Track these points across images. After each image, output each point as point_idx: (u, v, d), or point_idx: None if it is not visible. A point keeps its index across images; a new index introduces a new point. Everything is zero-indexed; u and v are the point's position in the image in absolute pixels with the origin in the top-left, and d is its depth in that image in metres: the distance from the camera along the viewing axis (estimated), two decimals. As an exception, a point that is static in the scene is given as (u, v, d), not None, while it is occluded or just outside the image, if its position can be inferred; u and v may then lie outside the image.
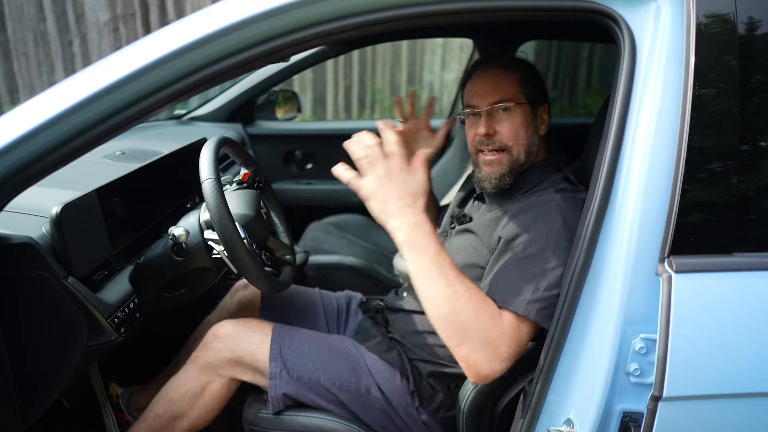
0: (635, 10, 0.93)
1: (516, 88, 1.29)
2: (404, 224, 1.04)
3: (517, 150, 1.29)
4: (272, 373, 1.34)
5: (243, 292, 1.72)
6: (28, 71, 5.01)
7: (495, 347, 1.05)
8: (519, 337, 1.07)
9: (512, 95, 1.28)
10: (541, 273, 1.10)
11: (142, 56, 0.91)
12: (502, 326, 1.06)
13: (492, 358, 1.05)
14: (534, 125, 1.32)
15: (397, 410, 1.36)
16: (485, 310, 1.06)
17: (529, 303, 1.08)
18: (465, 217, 1.43)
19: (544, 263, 1.11)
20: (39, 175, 0.90)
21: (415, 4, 0.92)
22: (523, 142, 1.29)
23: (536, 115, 1.33)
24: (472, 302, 1.05)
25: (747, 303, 0.90)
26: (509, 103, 1.27)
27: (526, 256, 1.13)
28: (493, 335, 1.05)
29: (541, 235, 1.14)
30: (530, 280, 1.10)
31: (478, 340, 1.04)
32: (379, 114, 5.59)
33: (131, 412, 1.61)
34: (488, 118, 1.28)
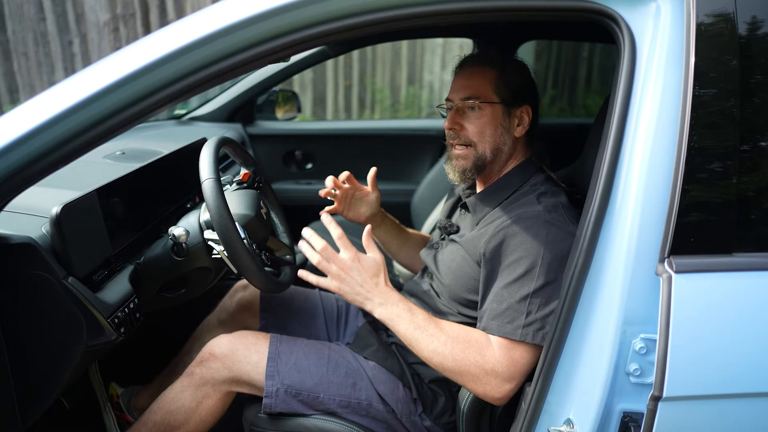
0: (635, 10, 0.93)
1: (488, 86, 1.30)
2: (375, 305, 1.19)
3: (482, 147, 1.31)
4: (268, 391, 1.33)
5: (243, 293, 1.72)
6: (28, 71, 5.01)
7: (494, 374, 1.13)
8: (518, 359, 1.14)
9: (482, 93, 1.29)
10: (532, 294, 1.13)
11: (142, 56, 0.91)
12: (494, 355, 1.14)
13: (496, 384, 1.13)
14: (505, 126, 1.31)
15: (401, 419, 1.36)
16: (470, 348, 1.15)
17: (524, 328, 1.13)
18: (452, 227, 1.43)
19: (532, 283, 1.14)
20: (39, 175, 0.90)
21: (415, 4, 0.92)
22: (489, 140, 1.30)
23: (510, 116, 1.31)
24: (457, 347, 1.15)
25: (747, 303, 0.90)
26: (476, 101, 1.29)
27: (515, 279, 1.16)
28: (487, 366, 1.13)
29: (527, 255, 1.16)
30: (521, 304, 1.14)
31: (476, 375, 1.14)
32: (379, 114, 5.59)
33: (131, 412, 1.61)
34: (456, 113, 1.32)
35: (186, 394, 1.38)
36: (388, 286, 1.20)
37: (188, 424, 1.39)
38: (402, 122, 4.06)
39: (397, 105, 5.62)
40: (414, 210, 2.61)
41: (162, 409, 1.40)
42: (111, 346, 1.19)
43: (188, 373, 1.40)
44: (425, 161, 2.87)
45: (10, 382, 1.04)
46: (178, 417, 1.38)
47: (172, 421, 1.38)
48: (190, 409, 1.38)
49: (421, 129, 2.94)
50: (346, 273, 1.18)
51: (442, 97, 5.48)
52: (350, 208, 1.60)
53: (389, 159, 2.86)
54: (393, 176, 2.87)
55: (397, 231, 1.69)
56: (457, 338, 1.16)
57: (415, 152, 2.86)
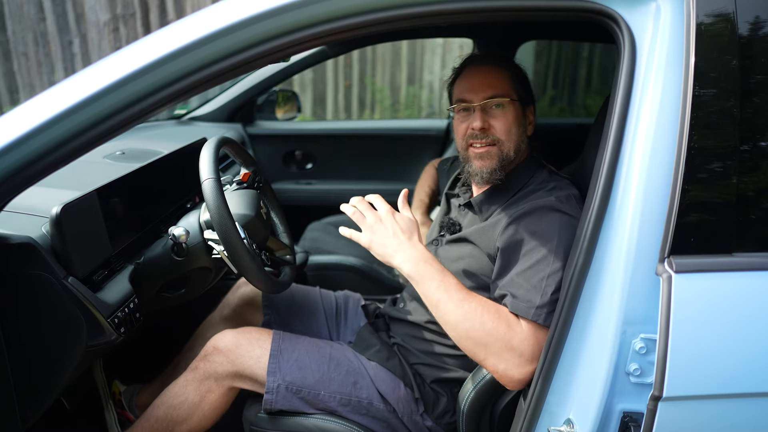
0: (635, 10, 0.93)
1: (508, 85, 1.31)
2: (405, 259, 1.15)
3: (508, 146, 1.30)
4: (269, 387, 1.34)
5: (245, 288, 1.73)
6: (28, 71, 5.01)
7: (519, 352, 1.09)
8: (541, 341, 1.10)
9: (506, 91, 1.30)
10: (546, 277, 1.12)
11: (142, 56, 0.91)
12: (522, 331, 1.10)
13: (519, 363, 1.09)
14: (524, 124, 1.34)
15: (402, 419, 1.36)
16: (500, 320, 1.10)
17: (538, 308, 1.10)
18: (455, 225, 1.43)
19: (548, 267, 1.13)
20: (39, 175, 0.90)
21: (415, 4, 0.92)
22: (514, 138, 1.31)
23: (525, 115, 1.35)
24: (486, 316, 1.10)
25: (747, 303, 0.90)
26: (503, 99, 1.29)
27: (533, 264, 1.15)
28: (514, 342, 1.09)
29: (543, 241, 1.15)
30: (537, 285, 1.12)
31: (500, 349, 1.09)
32: (379, 114, 5.59)
33: (133, 410, 1.61)
34: (482, 112, 1.30)
35: (189, 389, 1.39)
36: (422, 245, 1.17)
37: (191, 420, 1.39)
38: (402, 122, 4.06)
39: (397, 105, 5.62)
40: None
41: (165, 403, 1.41)
42: (111, 346, 1.19)
43: (192, 367, 1.41)
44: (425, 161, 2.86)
45: (10, 382, 1.04)
46: (181, 412, 1.39)
47: (174, 416, 1.39)
48: (193, 403, 1.38)
49: (421, 129, 2.94)
50: (378, 224, 1.17)
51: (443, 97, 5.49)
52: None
53: (389, 159, 2.86)
54: (393, 176, 2.87)
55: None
56: (488, 308, 1.12)
57: (415, 152, 2.85)
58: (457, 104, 1.34)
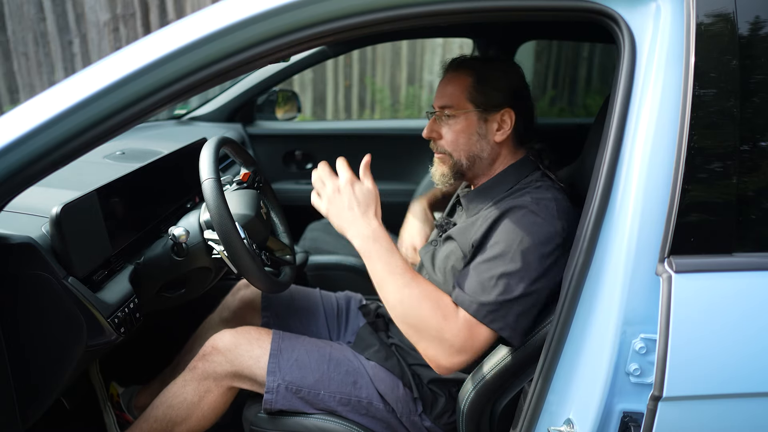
0: (635, 10, 0.93)
1: (462, 93, 1.27)
2: (357, 233, 1.15)
3: (457, 155, 1.30)
4: (269, 387, 1.34)
5: (245, 291, 1.73)
6: (28, 71, 5.01)
7: (449, 344, 1.11)
8: (475, 336, 1.12)
9: (455, 101, 1.27)
10: (497, 276, 1.12)
11: (142, 56, 0.91)
12: (456, 325, 1.11)
13: (448, 353, 1.11)
14: (481, 133, 1.28)
15: (401, 419, 1.36)
16: (438, 310, 1.11)
17: (480, 305, 1.11)
18: (449, 224, 1.42)
19: (501, 266, 1.13)
20: (39, 175, 0.90)
21: (415, 4, 0.92)
22: (463, 149, 1.29)
23: (486, 122, 1.28)
24: (425, 304, 1.11)
25: (747, 303, 0.90)
26: (450, 110, 1.28)
27: (487, 259, 1.16)
28: (446, 334, 1.10)
29: (503, 239, 1.15)
30: (485, 283, 1.13)
31: (432, 338, 1.11)
32: (379, 114, 5.59)
33: (131, 412, 1.61)
34: (435, 121, 1.32)
35: (188, 389, 1.39)
36: (377, 220, 1.16)
37: (190, 420, 1.39)
38: (402, 122, 4.06)
39: (397, 105, 5.62)
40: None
41: (164, 404, 1.41)
42: (111, 346, 1.19)
43: (191, 367, 1.41)
44: (425, 161, 2.86)
45: (10, 382, 1.04)
46: (180, 412, 1.39)
47: (173, 416, 1.39)
48: (192, 403, 1.38)
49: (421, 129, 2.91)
50: (336, 194, 1.16)
51: (442, 97, 5.49)
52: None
53: (389, 159, 2.86)
54: (393, 176, 2.87)
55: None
56: (428, 296, 1.13)
57: (415, 152, 2.85)
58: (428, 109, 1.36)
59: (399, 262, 1.14)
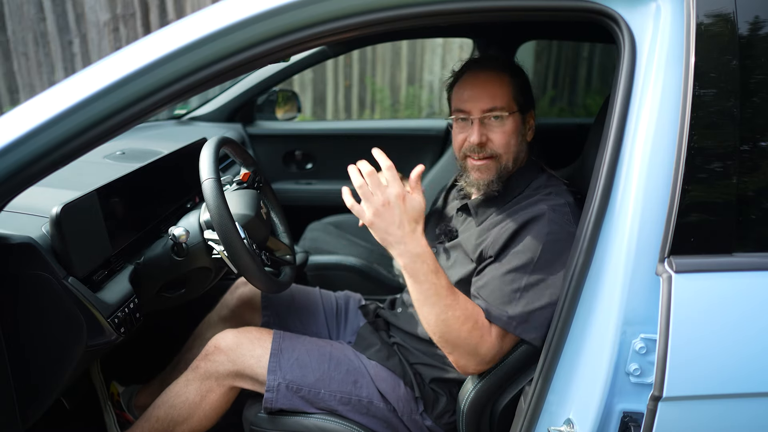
0: (635, 10, 0.93)
1: (508, 95, 1.26)
2: (404, 252, 1.09)
3: (507, 158, 1.28)
4: (269, 386, 1.34)
5: (243, 289, 1.73)
6: (28, 71, 5.01)
7: (482, 356, 1.15)
8: (503, 346, 1.17)
9: (505, 103, 1.26)
10: (522, 288, 1.14)
11: (142, 56, 0.91)
12: (491, 340, 1.14)
13: (478, 363, 1.16)
14: (523, 133, 1.31)
15: (402, 418, 1.36)
16: (477, 330, 1.13)
17: (510, 318, 1.13)
18: (452, 232, 1.42)
19: (526, 277, 1.14)
20: (39, 175, 0.90)
21: (415, 4, 0.92)
22: (513, 150, 1.29)
23: (525, 122, 1.32)
24: (466, 325, 1.13)
25: (747, 303, 0.90)
26: (503, 112, 1.25)
27: (510, 270, 1.16)
28: (482, 350, 1.14)
29: (526, 250, 1.16)
30: (512, 295, 1.14)
31: (467, 352, 1.15)
32: (379, 114, 5.59)
33: (132, 411, 1.61)
34: (480, 125, 1.26)
35: (190, 388, 1.39)
36: (423, 238, 1.11)
37: (191, 420, 1.39)
38: (402, 122, 4.06)
39: (397, 105, 5.62)
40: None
41: (166, 403, 1.41)
42: (111, 346, 1.19)
43: (193, 367, 1.41)
44: (425, 161, 2.86)
45: (10, 382, 1.04)
46: (182, 411, 1.39)
47: (175, 416, 1.39)
48: (194, 403, 1.38)
49: (421, 129, 2.94)
50: (385, 208, 1.07)
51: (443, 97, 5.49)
52: None
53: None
54: (393, 176, 2.86)
55: None
56: (469, 317, 1.13)
57: (415, 152, 2.85)
58: (456, 114, 1.30)
59: (444, 283, 1.12)
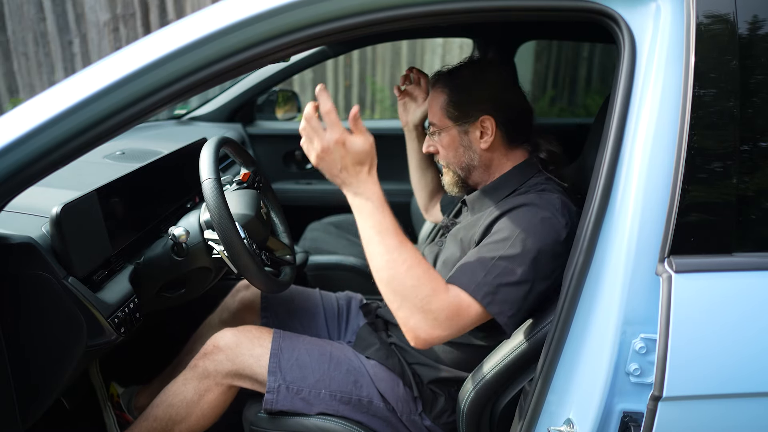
0: (635, 10, 0.93)
1: (440, 111, 1.33)
2: (350, 191, 1.08)
3: (453, 167, 1.36)
4: (270, 387, 1.33)
5: (244, 292, 1.72)
6: (28, 71, 5.00)
7: (434, 316, 1.06)
8: (465, 314, 1.08)
9: (438, 119, 1.34)
10: (498, 258, 1.12)
11: (142, 56, 0.91)
12: (445, 298, 1.07)
13: (430, 326, 1.06)
14: (465, 145, 1.31)
15: (401, 418, 1.36)
16: (427, 281, 1.06)
17: (478, 285, 1.09)
18: (454, 225, 1.43)
19: (502, 250, 1.13)
20: (39, 175, 0.90)
21: (415, 4, 0.92)
22: (454, 161, 1.35)
23: (467, 133, 1.30)
24: (413, 271, 1.05)
25: (747, 303, 0.90)
26: (435, 127, 1.34)
27: (488, 244, 1.16)
28: (432, 305, 1.06)
29: (506, 227, 1.16)
30: (485, 264, 1.12)
31: (415, 307, 1.06)
32: (379, 114, 5.59)
33: (132, 412, 1.61)
34: (429, 137, 1.38)
35: (189, 387, 1.39)
36: (370, 178, 1.08)
37: (189, 419, 1.39)
38: (402, 122, 4.05)
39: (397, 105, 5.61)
40: (414, 210, 2.61)
41: (164, 402, 1.41)
42: (111, 346, 1.19)
43: (192, 365, 1.41)
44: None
45: (10, 382, 1.04)
46: (180, 410, 1.39)
47: (173, 415, 1.39)
48: (192, 402, 1.38)
49: (421, 129, 2.93)
50: (326, 153, 1.05)
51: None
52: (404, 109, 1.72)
53: (389, 159, 2.84)
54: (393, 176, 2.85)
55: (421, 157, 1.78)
56: (419, 264, 1.06)
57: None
58: None
59: (390, 226, 1.07)
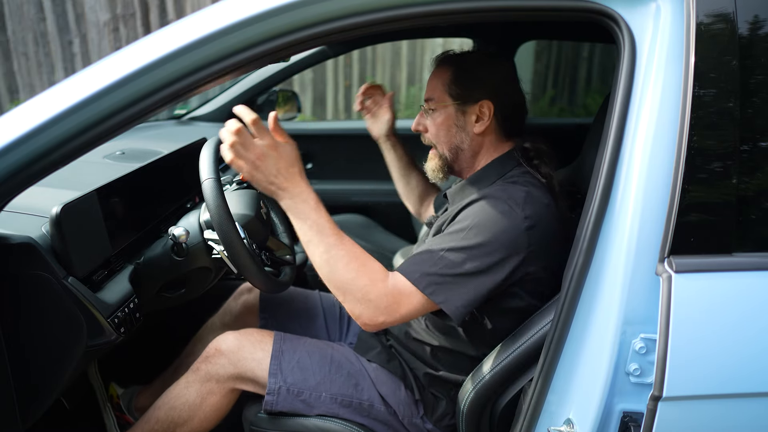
0: (635, 10, 0.93)
1: (442, 87, 1.31)
2: (285, 196, 1.12)
3: (441, 148, 1.34)
4: (270, 388, 1.33)
5: (247, 295, 1.72)
6: (28, 71, 5.00)
7: (375, 304, 1.12)
8: (406, 302, 1.14)
9: (436, 95, 1.32)
10: (448, 249, 1.14)
11: (142, 56, 0.91)
12: (384, 287, 1.13)
13: (372, 314, 1.13)
14: (459, 125, 1.31)
15: (402, 421, 1.36)
16: (364, 272, 1.13)
17: (422, 275, 1.13)
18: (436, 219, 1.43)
19: (454, 242, 1.14)
20: (39, 175, 0.90)
21: (415, 4, 0.92)
22: (444, 140, 1.33)
23: (465, 114, 1.30)
24: (351, 265, 1.12)
25: (747, 303, 0.90)
26: (432, 103, 1.32)
27: (444, 234, 1.18)
28: (371, 294, 1.12)
29: (464, 219, 1.17)
30: (433, 255, 1.14)
31: (356, 297, 1.13)
32: (379, 114, 5.58)
33: (132, 413, 1.61)
34: (422, 115, 1.35)
35: (191, 390, 1.39)
36: (303, 180, 1.13)
37: (192, 421, 1.39)
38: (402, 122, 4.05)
39: (397, 105, 5.62)
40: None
41: (166, 404, 1.40)
42: (111, 346, 1.19)
43: (194, 369, 1.41)
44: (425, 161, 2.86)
45: (10, 382, 1.04)
46: (182, 413, 1.38)
47: (175, 417, 1.39)
48: (194, 405, 1.38)
49: (421, 129, 2.93)
50: (260, 161, 1.09)
51: (442, 97, 5.49)
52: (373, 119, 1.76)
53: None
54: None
55: (404, 163, 1.78)
56: (356, 258, 1.13)
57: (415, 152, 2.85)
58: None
59: (326, 222, 1.13)
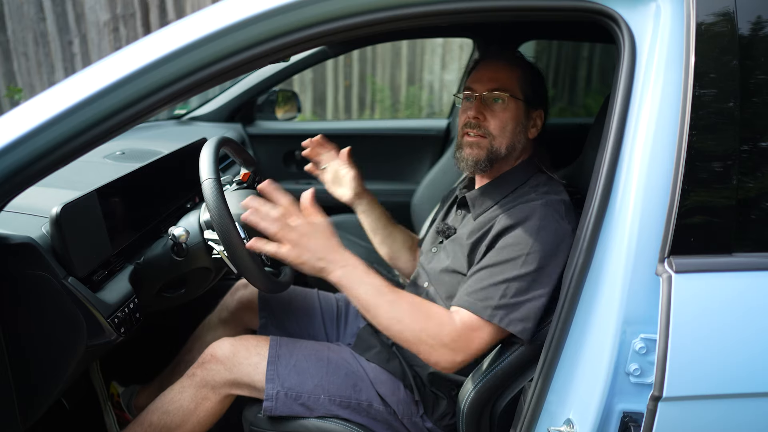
0: (635, 10, 0.93)
1: (515, 82, 1.31)
2: (336, 268, 1.12)
3: (499, 142, 1.30)
4: (268, 394, 1.33)
5: (243, 291, 1.72)
6: (28, 71, 5.01)
7: (450, 348, 1.13)
8: (476, 338, 1.14)
9: (510, 87, 1.30)
10: (511, 279, 1.14)
11: (142, 56, 0.91)
12: (453, 328, 1.13)
13: (450, 356, 1.13)
14: (523, 125, 1.32)
15: (402, 420, 1.36)
16: (431, 319, 1.13)
17: (495, 309, 1.13)
18: (450, 230, 1.43)
19: (515, 270, 1.14)
20: (39, 175, 0.90)
21: (415, 4, 0.92)
22: (507, 135, 1.30)
23: (528, 116, 1.33)
24: (417, 315, 1.13)
25: (747, 303, 0.90)
26: (503, 94, 1.29)
27: (498, 263, 1.17)
28: (445, 339, 1.12)
29: (515, 242, 1.17)
30: (498, 286, 1.14)
31: (430, 345, 1.13)
32: (379, 114, 5.59)
33: (132, 411, 1.61)
34: (481, 103, 1.31)
35: (185, 395, 1.38)
36: (344, 248, 1.14)
37: (185, 426, 1.38)
38: (402, 122, 4.06)
39: (398, 105, 5.62)
40: (414, 210, 2.61)
41: (159, 409, 1.40)
42: (111, 346, 1.19)
43: (189, 374, 1.40)
44: (425, 161, 2.86)
45: (10, 382, 1.04)
46: (176, 418, 1.38)
47: (168, 422, 1.38)
48: (188, 410, 1.37)
49: (421, 129, 2.94)
50: (305, 240, 1.09)
51: (443, 97, 5.50)
52: (334, 183, 1.63)
53: (389, 159, 2.86)
54: (393, 176, 2.87)
55: (383, 224, 1.66)
56: (419, 309, 1.14)
57: (415, 152, 2.86)
58: (463, 92, 1.36)
59: (381, 283, 1.14)
